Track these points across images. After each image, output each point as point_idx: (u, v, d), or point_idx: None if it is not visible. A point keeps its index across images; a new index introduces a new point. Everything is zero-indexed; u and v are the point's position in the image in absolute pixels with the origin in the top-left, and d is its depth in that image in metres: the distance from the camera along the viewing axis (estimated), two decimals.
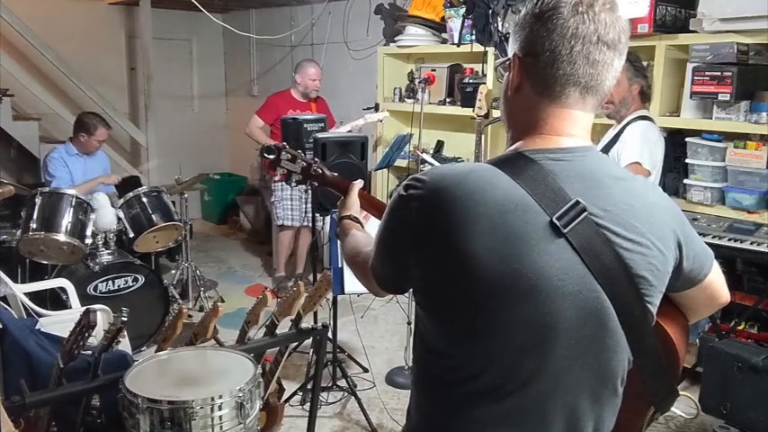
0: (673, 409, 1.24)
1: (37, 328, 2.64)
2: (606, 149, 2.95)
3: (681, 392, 1.20)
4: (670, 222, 1.06)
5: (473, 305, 0.96)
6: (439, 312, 1.02)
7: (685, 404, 1.44)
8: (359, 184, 1.61)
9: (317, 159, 1.72)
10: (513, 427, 1.00)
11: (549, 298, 0.94)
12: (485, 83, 4.06)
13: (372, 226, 1.39)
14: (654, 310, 1.05)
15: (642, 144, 2.80)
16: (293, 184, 1.71)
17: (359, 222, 1.51)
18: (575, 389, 1.01)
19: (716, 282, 1.18)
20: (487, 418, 1.01)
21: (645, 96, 2.97)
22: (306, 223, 4.87)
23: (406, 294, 3.68)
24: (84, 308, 2.04)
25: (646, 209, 1.02)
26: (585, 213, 0.96)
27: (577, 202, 0.96)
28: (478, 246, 0.93)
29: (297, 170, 1.68)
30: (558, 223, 0.94)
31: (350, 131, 4.57)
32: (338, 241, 2.69)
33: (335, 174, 1.70)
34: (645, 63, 3.56)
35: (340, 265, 2.74)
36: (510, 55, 1.05)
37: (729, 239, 3.08)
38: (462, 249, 0.93)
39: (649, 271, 1.01)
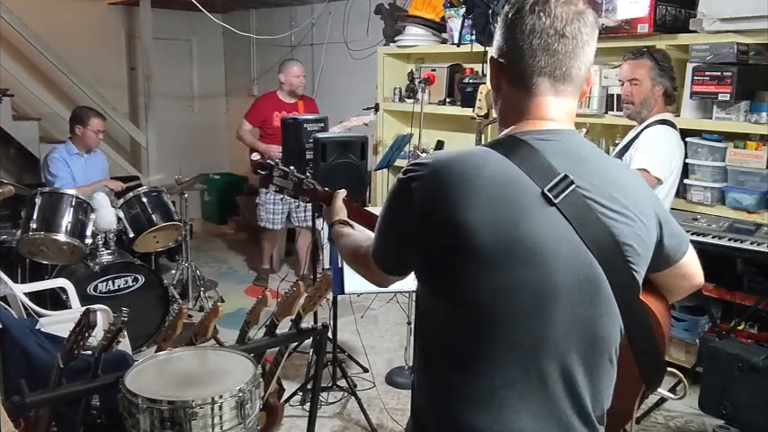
0: (660, 390, 1.29)
1: (37, 328, 2.64)
2: (623, 152, 2.82)
3: (668, 369, 1.28)
4: (649, 200, 1.14)
5: (475, 272, 1.01)
6: (442, 285, 1.07)
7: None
8: (342, 192, 1.69)
9: (308, 175, 1.77)
10: (518, 395, 1.04)
11: (546, 263, 1.01)
12: (485, 83, 4.06)
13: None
14: (640, 280, 1.11)
15: (654, 151, 2.67)
16: (282, 198, 1.75)
17: (350, 225, 1.55)
18: (572, 355, 1.05)
19: (691, 264, 1.24)
20: (491, 387, 1.04)
21: (669, 98, 2.84)
22: (304, 225, 4.88)
23: (406, 294, 3.70)
24: (84, 308, 2.04)
25: (627, 185, 1.11)
26: (573, 186, 1.03)
27: (566, 176, 1.03)
28: (477, 215, 0.99)
29: (289, 186, 1.73)
30: (549, 194, 1.02)
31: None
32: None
33: (326, 189, 1.74)
34: None
35: (340, 266, 2.74)
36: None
37: (729, 239, 3.08)
38: (462, 219, 0.99)
39: (635, 240, 1.07)
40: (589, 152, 1.12)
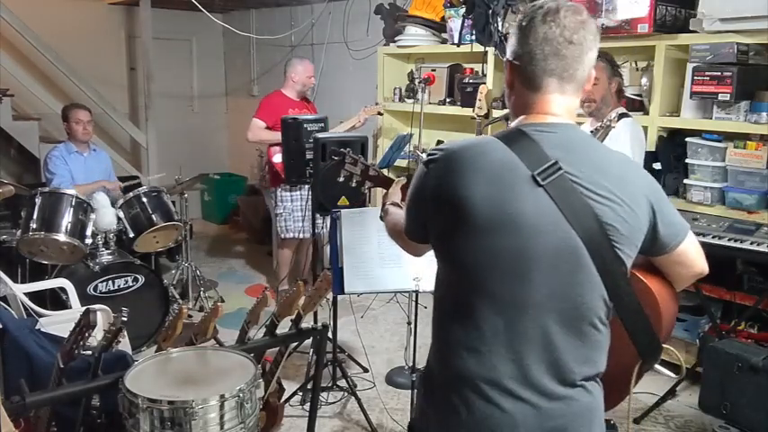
0: (657, 366, 1.36)
1: (37, 328, 2.64)
2: None
3: (664, 345, 1.42)
4: (643, 190, 1.27)
5: (471, 239, 1.22)
6: (447, 251, 1.29)
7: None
8: (402, 180, 1.93)
9: (373, 162, 1.90)
10: (503, 344, 1.22)
11: (528, 234, 1.19)
12: (485, 83, 4.06)
13: None
14: (627, 261, 1.26)
15: (633, 143, 2.86)
16: (353, 184, 1.99)
17: (399, 207, 1.77)
18: (553, 315, 1.22)
19: (691, 252, 1.37)
20: (481, 336, 1.23)
21: (621, 94, 3.03)
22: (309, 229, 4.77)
23: (406, 294, 3.70)
24: (84, 308, 2.04)
25: (620, 175, 1.25)
26: (561, 171, 1.21)
27: (555, 162, 1.21)
28: (477, 193, 1.20)
29: (357, 172, 1.96)
30: (537, 177, 1.20)
31: (350, 129, 4.55)
32: (337, 239, 2.74)
33: (388, 176, 1.99)
34: (645, 63, 3.58)
35: (340, 265, 2.74)
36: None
37: (729, 239, 3.08)
38: (465, 196, 1.20)
39: (618, 221, 1.22)
40: (583, 144, 1.28)
